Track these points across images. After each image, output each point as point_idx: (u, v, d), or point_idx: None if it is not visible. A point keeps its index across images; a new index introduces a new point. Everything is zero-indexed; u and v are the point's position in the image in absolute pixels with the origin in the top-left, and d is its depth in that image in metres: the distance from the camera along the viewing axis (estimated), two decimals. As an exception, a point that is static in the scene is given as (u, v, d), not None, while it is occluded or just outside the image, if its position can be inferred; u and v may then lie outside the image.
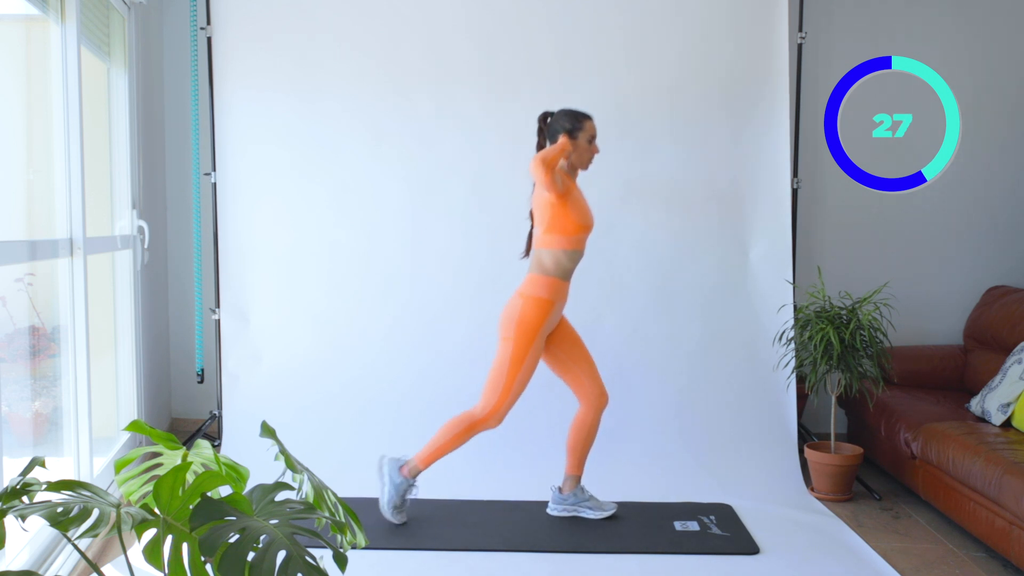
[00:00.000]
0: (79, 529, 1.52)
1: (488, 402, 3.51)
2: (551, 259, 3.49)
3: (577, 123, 3.52)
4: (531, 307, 3.47)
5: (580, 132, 3.51)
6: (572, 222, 3.46)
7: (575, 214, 3.47)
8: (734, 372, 4.41)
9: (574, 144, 3.50)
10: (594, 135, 3.55)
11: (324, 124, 4.40)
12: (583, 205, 3.52)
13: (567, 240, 3.48)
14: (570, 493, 3.66)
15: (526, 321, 3.46)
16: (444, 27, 4.40)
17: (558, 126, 3.52)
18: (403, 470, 3.55)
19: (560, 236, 3.47)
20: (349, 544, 1.80)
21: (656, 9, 4.41)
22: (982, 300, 4.75)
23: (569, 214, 3.46)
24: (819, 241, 4.92)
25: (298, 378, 4.39)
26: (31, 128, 3.40)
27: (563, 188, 3.43)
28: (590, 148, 3.55)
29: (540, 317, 3.47)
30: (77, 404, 3.35)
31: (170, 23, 4.77)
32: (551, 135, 3.55)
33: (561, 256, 3.48)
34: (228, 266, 4.41)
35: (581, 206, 3.51)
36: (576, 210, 3.47)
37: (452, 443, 3.53)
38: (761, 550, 3.37)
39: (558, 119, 3.54)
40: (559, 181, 3.39)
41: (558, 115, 3.55)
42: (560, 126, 3.52)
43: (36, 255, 3.03)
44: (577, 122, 3.52)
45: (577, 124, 3.52)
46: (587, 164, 3.58)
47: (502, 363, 3.49)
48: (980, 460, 3.36)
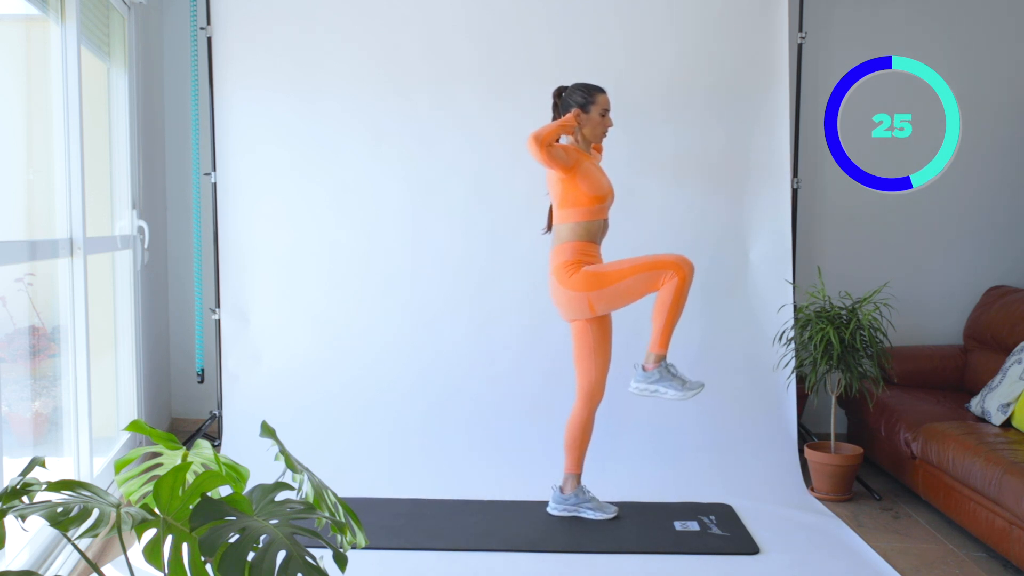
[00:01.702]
0: (79, 529, 1.52)
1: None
2: (568, 231, 3.52)
3: (589, 96, 3.55)
4: (564, 276, 3.49)
5: (592, 106, 3.55)
6: (584, 194, 3.48)
7: (586, 186, 3.47)
8: (734, 372, 4.40)
9: (586, 117, 3.54)
10: (607, 108, 3.58)
11: (324, 124, 4.40)
12: (596, 176, 3.52)
13: (581, 211, 3.50)
14: (571, 493, 3.66)
15: (572, 284, 3.48)
16: (444, 27, 4.40)
17: (571, 100, 3.57)
18: (648, 367, 3.50)
19: (574, 209, 3.50)
20: (349, 544, 1.80)
21: (656, 9, 4.41)
22: (982, 300, 4.75)
23: (579, 187, 3.47)
24: (819, 241, 4.92)
25: (298, 378, 4.39)
26: (31, 128, 3.40)
27: (570, 162, 3.44)
28: (603, 121, 3.58)
29: (576, 269, 3.49)
30: (77, 404, 3.35)
31: (170, 23, 4.77)
32: (564, 109, 3.60)
33: (578, 228, 3.51)
34: (228, 266, 4.41)
35: (593, 177, 3.51)
36: (587, 182, 3.48)
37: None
38: (761, 550, 3.37)
39: (571, 93, 3.58)
40: (561, 156, 3.41)
41: (571, 89, 3.60)
42: (573, 100, 3.57)
43: (36, 255, 3.03)
44: (589, 95, 3.55)
45: (589, 98, 3.55)
46: (600, 137, 3.63)
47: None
48: (980, 460, 3.36)
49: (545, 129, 3.38)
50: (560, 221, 3.54)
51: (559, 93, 3.65)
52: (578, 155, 3.50)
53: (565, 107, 3.59)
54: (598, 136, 3.61)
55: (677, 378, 3.49)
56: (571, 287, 3.48)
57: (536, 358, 4.37)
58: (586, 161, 3.52)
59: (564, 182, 3.48)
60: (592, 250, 3.54)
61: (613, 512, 3.64)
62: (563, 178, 3.47)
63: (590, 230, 3.52)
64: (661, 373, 3.49)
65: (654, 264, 3.44)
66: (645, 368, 3.52)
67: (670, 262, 3.43)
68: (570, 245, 3.51)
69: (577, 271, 3.48)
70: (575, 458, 3.66)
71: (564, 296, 3.52)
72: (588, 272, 3.48)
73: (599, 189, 3.51)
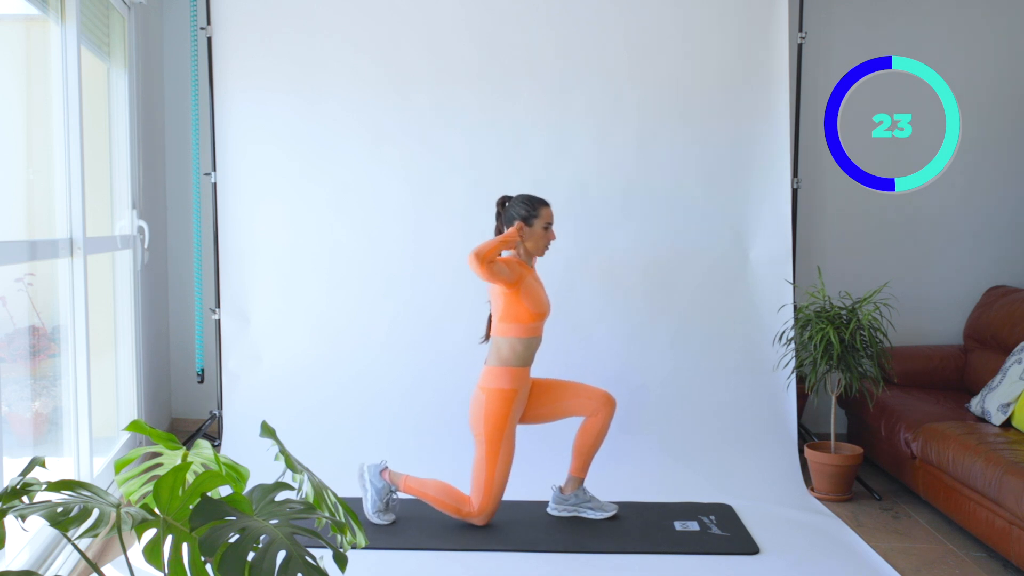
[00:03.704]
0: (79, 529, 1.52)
1: (475, 499, 3.50)
2: (508, 348, 3.48)
3: (533, 210, 3.51)
4: (495, 400, 3.47)
5: (535, 219, 3.50)
6: (526, 310, 3.45)
7: (528, 302, 3.45)
8: (734, 372, 4.40)
9: (529, 231, 3.50)
10: (550, 222, 3.54)
11: (324, 124, 4.40)
12: (537, 292, 3.50)
13: (522, 328, 3.47)
14: (572, 493, 3.66)
15: (493, 415, 3.46)
16: (444, 27, 4.40)
17: (514, 213, 3.52)
18: (384, 475, 3.58)
19: (515, 324, 3.47)
20: (349, 544, 1.80)
21: (656, 9, 4.40)
22: (982, 300, 4.75)
23: (522, 302, 3.44)
24: (819, 241, 4.92)
25: (298, 378, 4.40)
26: (31, 128, 3.40)
27: (512, 277, 3.40)
28: (546, 235, 3.53)
29: (506, 408, 3.47)
30: (77, 404, 3.35)
31: (170, 23, 4.77)
32: (507, 221, 3.55)
33: (517, 344, 3.48)
34: (228, 266, 4.41)
35: (535, 293, 3.48)
36: (530, 298, 3.45)
37: (436, 503, 3.54)
38: (761, 550, 3.37)
39: (514, 205, 3.54)
40: (504, 271, 3.37)
41: (515, 201, 3.55)
42: (516, 213, 3.52)
43: (36, 255, 3.03)
44: (533, 209, 3.51)
45: (533, 211, 3.51)
46: (543, 250, 3.57)
47: (479, 462, 3.50)
48: (980, 460, 3.36)
49: (486, 246, 3.31)
50: (499, 334, 3.50)
51: (503, 203, 3.60)
52: (521, 269, 3.47)
53: (508, 219, 3.54)
54: (540, 249, 3.55)
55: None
56: (485, 415, 3.47)
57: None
58: (528, 276, 3.49)
59: (507, 296, 3.44)
60: (525, 376, 3.54)
61: (613, 510, 3.65)
62: (506, 292, 3.44)
63: (526, 354, 3.51)
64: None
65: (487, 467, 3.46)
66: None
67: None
68: (506, 372, 3.48)
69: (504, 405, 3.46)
70: (582, 463, 3.66)
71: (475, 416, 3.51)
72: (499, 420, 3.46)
73: (540, 306, 3.49)
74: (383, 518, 3.54)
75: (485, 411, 3.47)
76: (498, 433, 3.46)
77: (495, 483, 3.48)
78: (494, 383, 3.48)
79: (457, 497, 3.52)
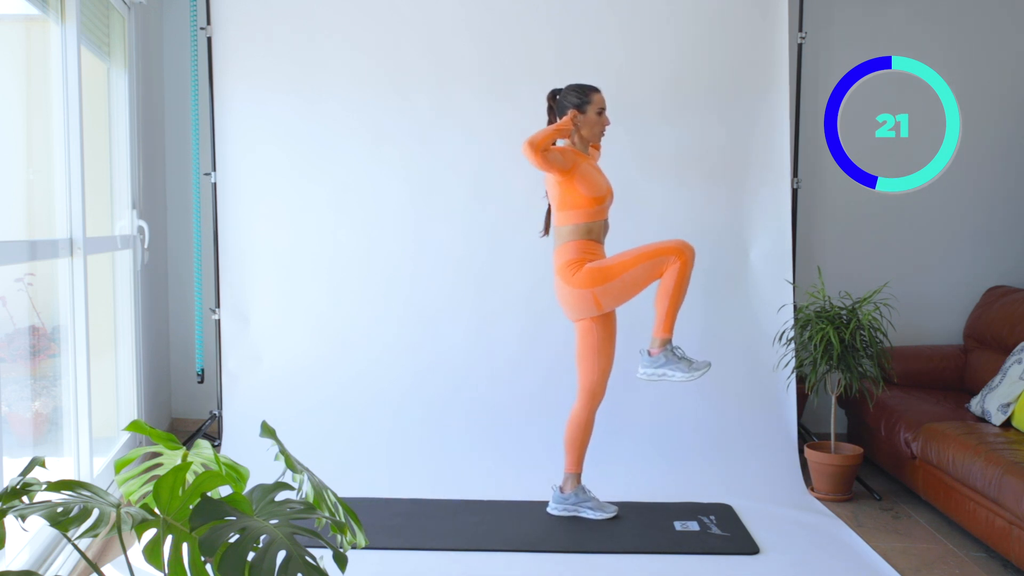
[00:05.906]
0: (79, 529, 1.52)
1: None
2: (570, 232, 3.51)
3: (584, 97, 3.54)
4: (569, 275, 3.49)
5: (588, 106, 3.54)
6: (582, 196, 3.48)
7: (584, 187, 3.47)
8: (734, 372, 4.40)
9: (583, 118, 3.53)
10: (603, 107, 3.58)
11: (324, 124, 4.40)
12: (594, 177, 3.52)
13: (581, 214, 3.49)
14: (571, 493, 3.66)
15: (588, 273, 3.47)
16: (444, 27, 4.40)
17: (566, 102, 3.56)
18: (653, 352, 3.52)
19: (574, 211, 3.50)
20: (349, 544, 1.80)
21: (656, 9, 4.41)
22: (982, 300, 4.75)
23: (578, 189, 3.47)
24: (819, 241, 4.92)
25: (298, 378, 4.40)
26: (31, 128, 3.40)
27: (567, 164, 3.44)
28: (600, 120, 3.57)
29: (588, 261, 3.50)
30: (77, 404, 3.35)
31: (170, 23, 4.77)
32: (560, 112, 3.58)
33: (579, 229, 3.50)
34: (228, 266, 4.41)
35: (591, 178, 3.50)
36: (585, 183, 3.47)
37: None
38: (761, 550, 3.37)
39: (566, 95, 3.57)
40: (558, 159, 3.40)
41: (566, 91, 3.59)
42: (568, 102, 3.56)
43: (36, 255, 3.03)
44: (584, 96, 3.55)
45: (585, 98, 3.54)
46: (599, 137, 3.62)
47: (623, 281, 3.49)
48: (980, 460, 3.36)
49: (540, 134, 3.37)
50: (560, 224, 3.53)
51: (553, 96, 3.63)
52: (576, 157, 3.50)
53: (561, 110, 3.58)
54: (596, 136, 3.60)
55: (683, 360, 3.51)
56: (576, 284, 3.48)
57: (536, 358, 4.37)
58: (584, 163, 3.51)
59: (562, 184, 3.47)
60: (595, 248, 3.54)
61: (613, 512, 3.64)
62: (561, 181, 3.47)
63: (592, 230, 3.52)
64: (667, 356, 3.51)
65: (656, 252, 3.45)
66: (651, 353, 3.54)
67: (671, 248, 3.45)
68: (572, 244, 3.51)
69: (580, 269, 3.48)
70: (575, 458, 3.65)
71: (570, 294, 3.52)
72: (592, 268, 3.47)
73: (598, 190, 3.50)
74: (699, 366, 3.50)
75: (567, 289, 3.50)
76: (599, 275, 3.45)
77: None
78: (562, 259, 3.52)
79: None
